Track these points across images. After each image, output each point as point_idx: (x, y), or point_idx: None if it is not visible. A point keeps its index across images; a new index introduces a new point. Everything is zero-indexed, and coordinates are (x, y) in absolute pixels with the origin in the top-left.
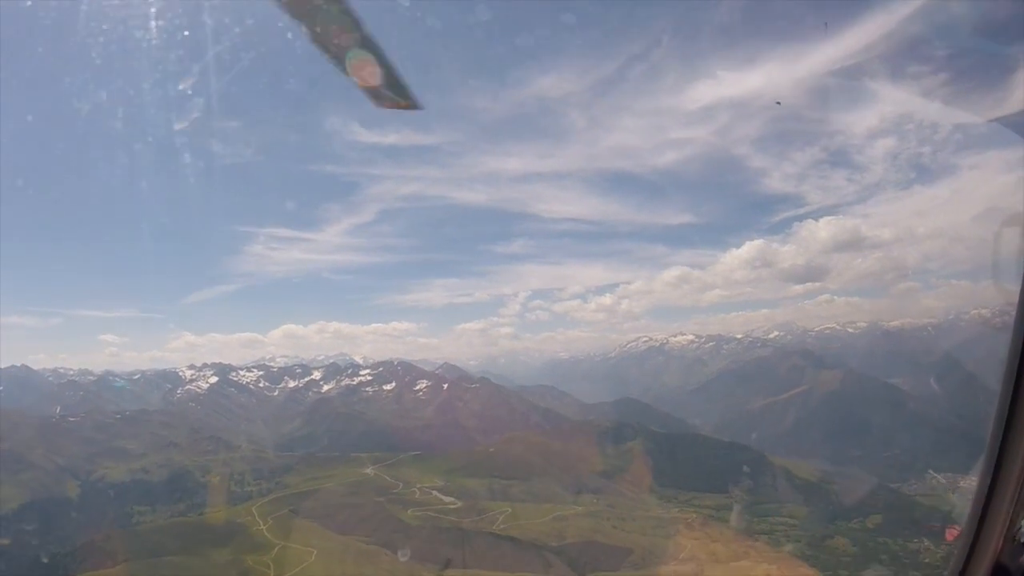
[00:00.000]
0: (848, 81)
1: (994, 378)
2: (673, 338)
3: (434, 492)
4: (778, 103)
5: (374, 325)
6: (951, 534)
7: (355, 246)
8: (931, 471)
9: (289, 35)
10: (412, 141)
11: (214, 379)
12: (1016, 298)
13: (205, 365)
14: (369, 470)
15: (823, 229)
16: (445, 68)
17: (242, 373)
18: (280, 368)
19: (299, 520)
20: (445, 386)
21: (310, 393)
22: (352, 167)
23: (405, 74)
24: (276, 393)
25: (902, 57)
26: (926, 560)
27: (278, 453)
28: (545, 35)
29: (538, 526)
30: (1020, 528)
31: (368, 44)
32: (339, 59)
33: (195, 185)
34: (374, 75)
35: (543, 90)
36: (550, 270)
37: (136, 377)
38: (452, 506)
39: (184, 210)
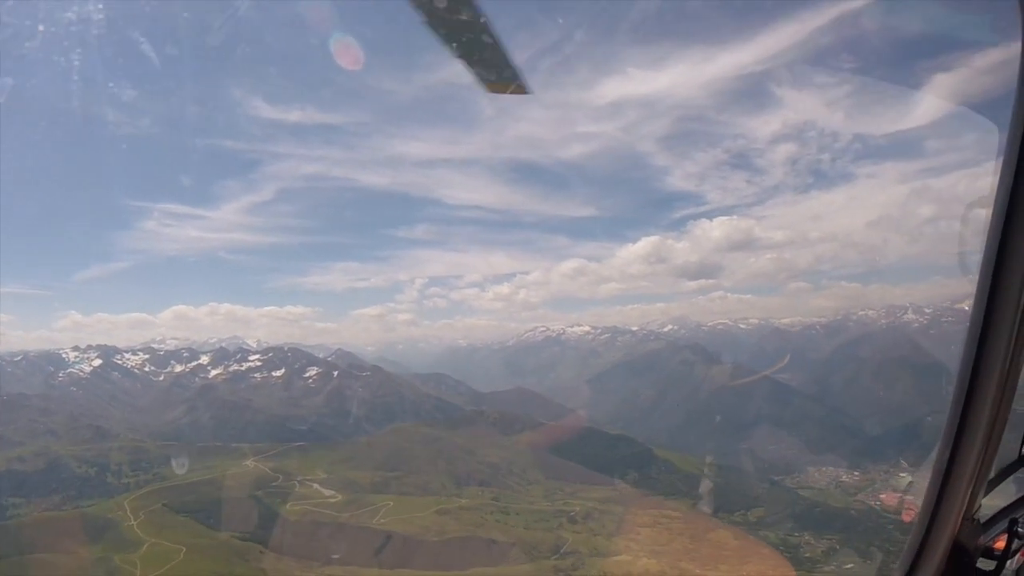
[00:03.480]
0: (755, 86)
1: (877, 375)
2: (570, 328)
3: (315, 485)
4: None
5: (268, 308)
6: (908, 514)
7: (252, 225)
8: (812, 465)
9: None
10: (316, 120)
11: (98, 362)
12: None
13: (90, 347)
14: (249, 462)
15: (717, 228)
16: (353, 47)
17: (127, 356)
18: (167, 352)
19: (173, 515)
20: (335, 373)
21: (197, 379)
22: (253, 143)
23: (310, 49)
24: (162, 378)
25: (809, 66)
26: (807, 555)
27: (158, 442)
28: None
29: (419, 520)
30: (978, 507)
31: (481, 25)
32: (453, 39)
33: (87, 156)
34: (490, 58)
35: (452, 76)
36: (452, 257)
37: (18, 359)
38: (332, 500)
39: (75, 182)
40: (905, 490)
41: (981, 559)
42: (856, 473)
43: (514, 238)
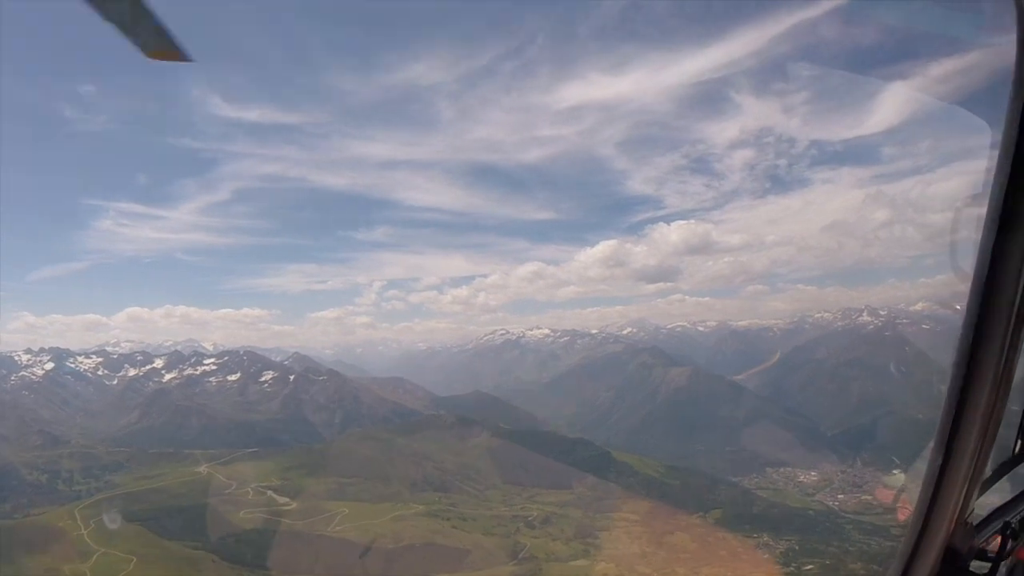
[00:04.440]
0: (714, 92)
1: (833, 377)
2: (529, 331)
3: (269, 492)
4: None
5: (225, 310)
6: (902, 513)
7: (209, 226)
8: (770, 466)
9: None
10: (274, 119)
11: (50, 365)
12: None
13: (42, 350)
14: (203, 468)
15: (675, 232)
16: (313, 45)
17: (81, 359)
18: (121, 355)
19: (124, 524)
20: (292, 377)
21: (150, 383)
22: (210, 142)
23: (269, 48)
24: (115, 382)
25: (768, 74)
26: (766, 556)
27: (110, 449)
28: (419, 21)
29: (375, 527)
30: (971, 511)
31: None
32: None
33: (41, 153)
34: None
35: (413, 77)
36: (410, 259)
37: None
38: (287, 507)
39: (29, 180)
40: (859, 488)
41: (974, 561)
42: (813, 473)
43: (473, 241)
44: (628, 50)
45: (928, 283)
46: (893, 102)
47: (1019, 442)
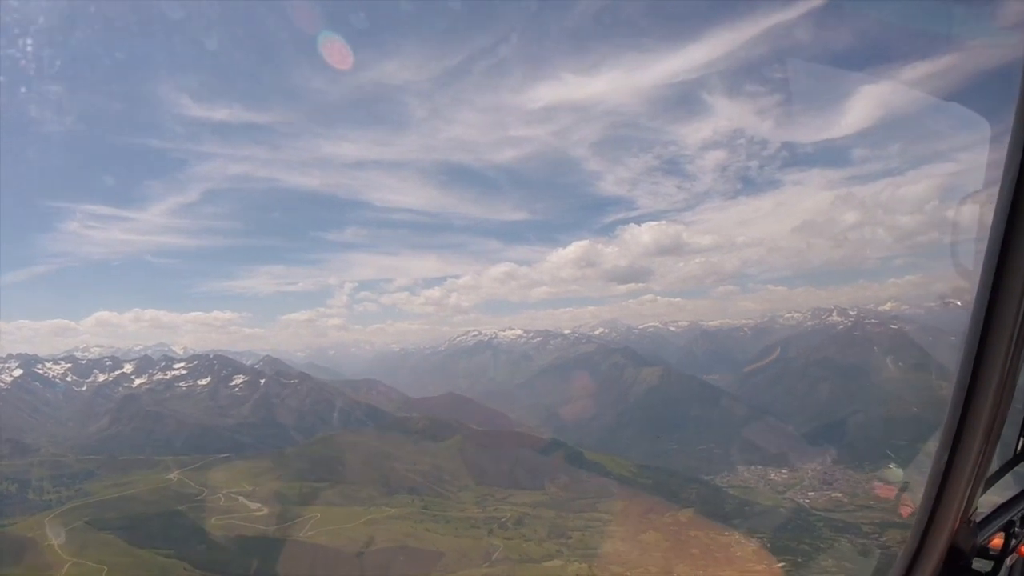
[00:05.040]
0: (687, 94)
1: (803, 376)
2: (502, 332)
3: (240, 498)
4: None
5: (194, 313)
6: (905, 510)
7: (178, 228)
8: (742, 464)
9: None
10: (243, 118)
11: (18, 372)
12: (975, 278)
13: (10, 356)
14: (173, 475)
15: (647, 233)
16: (282, 44)
17: (49, 365)
18: (90, 360)
19: (95, 533)
20: (263, 381)
21: (120, 388)
22: (178, 142)
23: (237, 46)
24: (84, 388)
25: (741, 76)
26: (738, 554)
27: (80, 456)
28: (390, 19)
29: (348, 531)
30: (975, 509)
31: None
32: None
33: (6, 155)
34: None
35: (384, 76)
36: (382, 260)
37: None
38: (258, 512)
39: None
40: (827, 485)
41: (977, 559)
42: (784, 471)
43: (445, 241)
44: (602, 51)
45: (897, 283)
46: (864, 105)
47: (1021, 440)
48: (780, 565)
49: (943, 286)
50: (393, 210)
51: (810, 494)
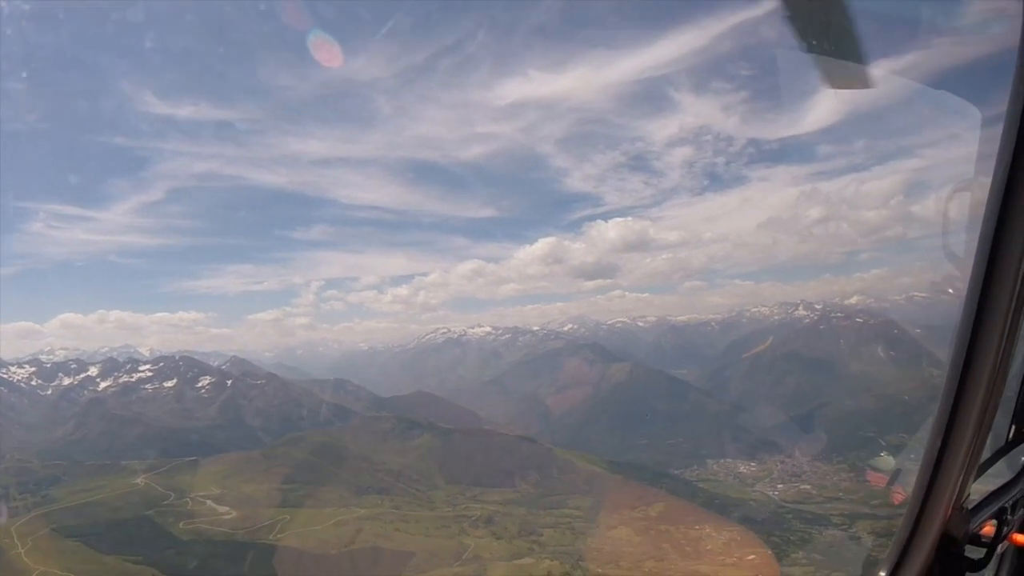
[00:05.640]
0: (654, 90)
1: (770, 370)
2: (471, 329)
3: (208, 502)
4: None
5: (160, 314)
6: (897, 497)
7: (143, 227)
8: (711, 458)
9: None
10: (208, 116)
11: None
12: (967, 269)
13: None
14: (140, 479)
15: (614, 229)
16: (248, 41)
17: (13, 369)
18: (55, 363)
19: (62, 540)
20: (229, 382)
21: (85, 392)
22: (143, 140)
23: (202, 43)
24: (49, 392)
25: (707, 73)
26: (708, 547)
27: (47, 462)
28: (356, 15)
29: (318, 533)
30: (968, 496)
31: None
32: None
33: None
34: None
35: (350, 72)
36: (349, 258)
37: None
38: (226, 516)
39: None
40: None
41: (969, 546)
42: (753, 464)
43: (412, 239)
44: (569, 47)
45: (863, 277)
46: (830, 102)
47: (1013, 428)
48: (751, 558)
49: (908, 280)
50: (360, 208)
51: (779, 486)
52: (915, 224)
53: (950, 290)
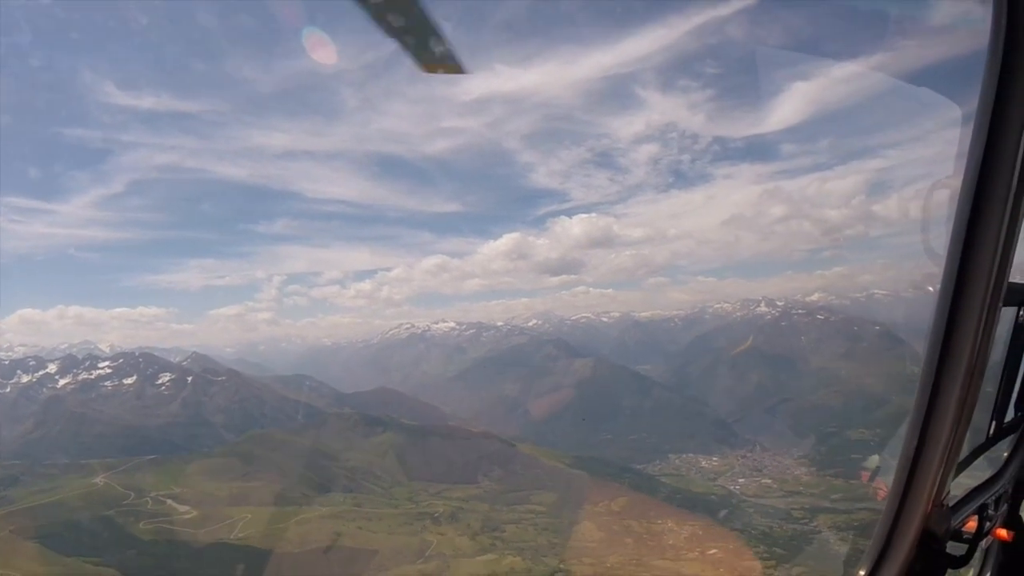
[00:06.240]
0: (621, 87)
1: (732, 365)
2: (435, 325)
3: (168, 501)
4: None
5: (120, 309)
6: (880, 493)
7: (103, 220)
8: (673, 453)
9: None
10: (170, 107)
11: None
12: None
13: None
14: (100, 479)
15: (578, 225)
16: (211, 30)
17: None
18: (13, 360)
19: (21, 542)
20: (190, 379)
21: (44, 389)
22: (103, 131)
23: (164, 32)
24: (8, 390)
25: (674, 70)
26: (670, 542)
27: (4, 461)
28: (320, 7)
29: (278, 532)
30: (947, 492)
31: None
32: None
33: None
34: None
35: (315, 65)
36: (313, 253)
37: None
38: (187, 515)
39: None
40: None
41: (951, 543)
42: (715, 459)
43: (377, 233)
44: (536, 43)
45: (824, 275)
46: (795, 102)
47: (993, 424)
48: (712, 552)
49: (869, 277)
50: (324, 201)
51: (740, 481)
52: (876, 223)
53: (912, 288)
